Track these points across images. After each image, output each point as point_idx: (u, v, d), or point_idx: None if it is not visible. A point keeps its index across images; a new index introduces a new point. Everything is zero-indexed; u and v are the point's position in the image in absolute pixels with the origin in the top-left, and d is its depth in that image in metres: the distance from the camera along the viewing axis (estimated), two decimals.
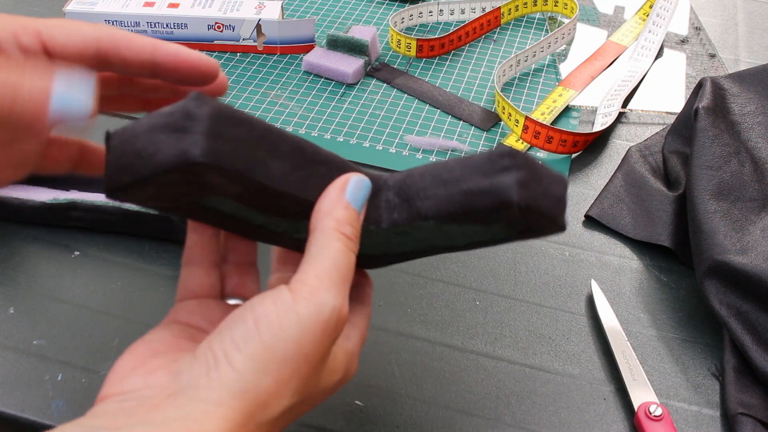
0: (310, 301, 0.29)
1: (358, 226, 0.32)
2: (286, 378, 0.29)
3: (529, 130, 0.62)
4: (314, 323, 0.29)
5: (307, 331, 0.29)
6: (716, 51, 0.78)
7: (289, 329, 0.29)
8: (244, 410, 0.28)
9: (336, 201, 0.31)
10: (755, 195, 0.53)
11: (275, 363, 0.28)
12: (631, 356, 0.47)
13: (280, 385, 0.29)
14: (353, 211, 0.32)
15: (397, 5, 0.82)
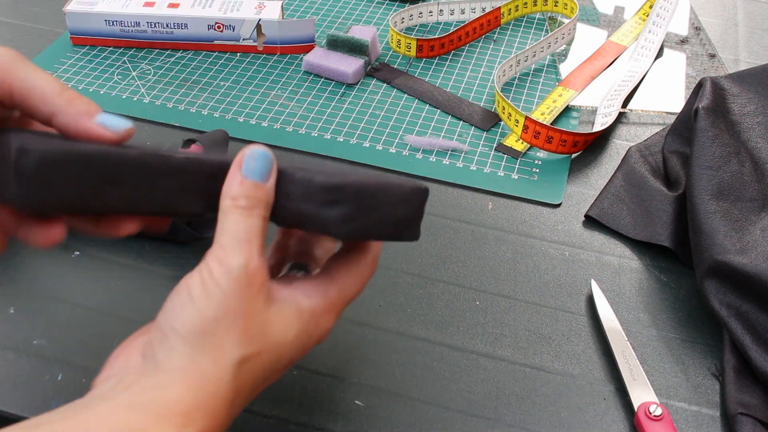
0: (222, 266, 0.34)
1: (257, 193, 0.35)
2: (222, 333, 0.33)
3: (529, 130, 0.62)
4: (228, 282, 0.33)
5: (226, 290, 0.33)
6: (716, 51, 0.78)
7: (213, 293, 0.33)
8: (201, 369, 0.32)
9: (231, 179, 0.36)
10: (755, 195, 0.53)
11: (210, 324, 0.33)
12: (631, 356, 0.47)
13: (221, 342, 0.33)
14: (249, 183, 0.35)
15: (397, 5, 0.82)
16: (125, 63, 0.72)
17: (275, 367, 0.36)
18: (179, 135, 0.64)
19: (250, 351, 0.34)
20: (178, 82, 0.69)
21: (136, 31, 0.72)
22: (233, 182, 0.35)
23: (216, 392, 0.32)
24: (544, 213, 0.58)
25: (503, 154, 0.63)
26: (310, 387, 0.45)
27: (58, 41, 0.75)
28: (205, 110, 0.66)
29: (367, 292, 0.51)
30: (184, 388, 0.31)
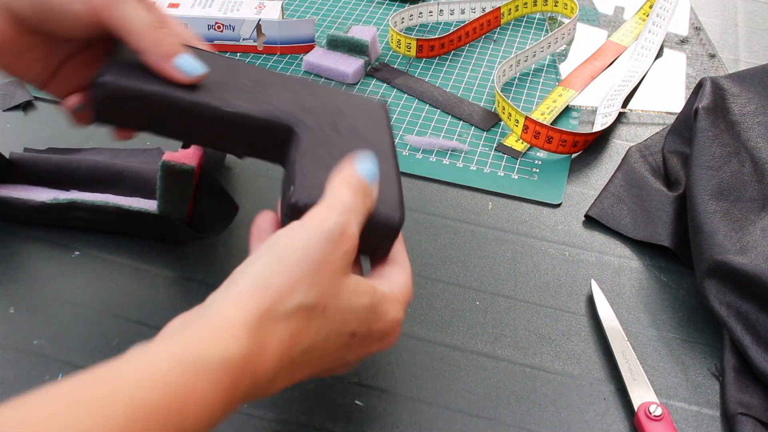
0: (316, 218, 0.34)
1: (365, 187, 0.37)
2: (296, 277, 0.32)
3: (529, 130, 0.62)
4: (318, 232, 0.33)
5: (312, 238, 0.33)
6: (716, 51, 0.78)
7: (296, 240, 0.33)
8: (258, 304, 0.31)
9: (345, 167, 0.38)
10: (755, 195, 0.53)
11: (285, 266, 0.32)
12: (631, 356, 0.47)
13: (292, 282, 0.32)
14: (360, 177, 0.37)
15: (397, 5, 0.82)
16: None
17: (337, 337, 0.34)
18: None
19: (318, 301, 0.33)
20: None
21: None
22: (347, 170, 0.37)
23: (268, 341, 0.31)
24: (544, 213, 0.58)
25: (503, 154, 0.63)
26: (310, 387, 0.45)
27: None
28: None
29: None
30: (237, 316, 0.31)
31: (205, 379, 0.28)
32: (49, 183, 0.55)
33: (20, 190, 0.54)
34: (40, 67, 0.43)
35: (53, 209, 0.53)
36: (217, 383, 0.29)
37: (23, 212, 0.53)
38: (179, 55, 0.39)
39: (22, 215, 0.53)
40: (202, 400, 0.28)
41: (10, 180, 0.55)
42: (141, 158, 0.59)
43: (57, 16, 0.39)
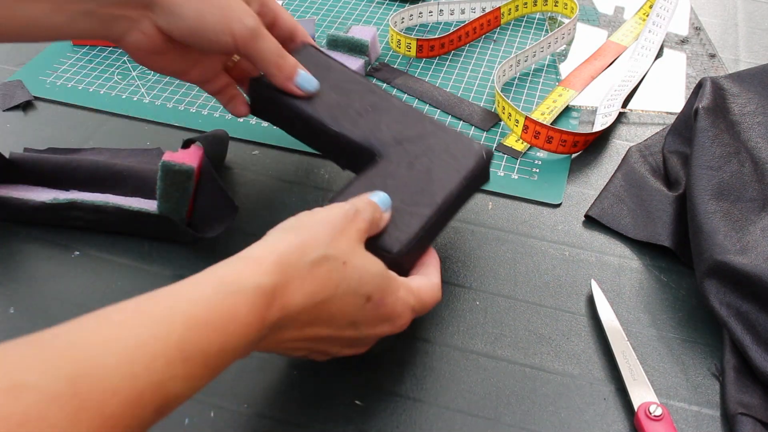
0: (334, 204, 0.42)
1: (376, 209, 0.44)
2: (319, 233, 0.38)
3: (529, 130, 0.62)
4: (336, 210, 0.40)
5: (331, 212, 0.40)
6: (716, 51, 0.78)
7: (318, 213, 0.40)
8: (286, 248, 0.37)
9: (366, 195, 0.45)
10: (755, 195, 0.53)
11: (310, 226, 0.39)
12: (631, 356, 0.47)
13: (316, 237, 0.38)
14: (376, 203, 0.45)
15: (397, 5, 0.82)
16: (125, 63, 0.72)
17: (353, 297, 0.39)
18: (179, 135, 0.64)
19: (339, 255, 0.38)
20: (178, 82, 0.69)
21: None
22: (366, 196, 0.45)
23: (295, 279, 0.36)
24: (544, 213, 0.58)
25: (503, 154, 0.63)
26: (310, 387, 0.45)
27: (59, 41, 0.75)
28: (205, 110, 0.66)
29: None
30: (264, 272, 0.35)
31: (243, 302, 0.33)
32: (49, 183, 0.55)
33: (20, 190, 0.54)
34: (179, 66, 0.53)
35: (53, 209, 0.53)
36: (252, 306, 0.34)
37: (23, 212, 0.53)
38: (298, 74, 0.51)
39: (22, 215, 0.53)
40: (240, 320, 0.33)
41: (10, 180, 0.55)
42: (141, 158, 0.59)
43: (207, 43, 0.49)
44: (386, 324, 0.42)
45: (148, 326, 0.31)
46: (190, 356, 0.31)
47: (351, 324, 0.40)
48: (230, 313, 0.33)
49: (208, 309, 0.32)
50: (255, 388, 0.45)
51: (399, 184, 0.48)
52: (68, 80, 0.69)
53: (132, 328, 0.30)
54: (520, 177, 0.61)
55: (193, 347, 0.31)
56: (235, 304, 0.33)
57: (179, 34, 0.49)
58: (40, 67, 0.71)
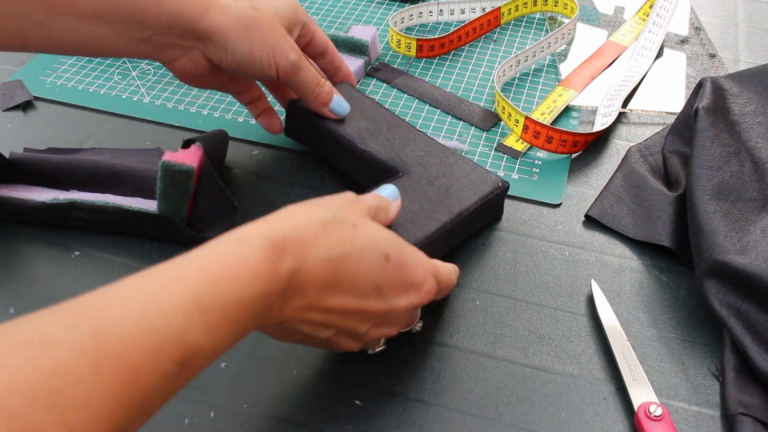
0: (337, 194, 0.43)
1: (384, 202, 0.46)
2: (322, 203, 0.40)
3: (529, 130, 0.62)
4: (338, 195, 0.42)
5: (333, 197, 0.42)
6: (716, 51, 0.78)
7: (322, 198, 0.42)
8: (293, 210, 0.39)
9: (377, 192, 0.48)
10: (755, 195, 0.53)
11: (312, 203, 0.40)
12: (631, 356, 0.47)
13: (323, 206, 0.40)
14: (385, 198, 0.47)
15: (397, 5, 0.82)
16: (125, 63, 0.72)
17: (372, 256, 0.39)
18: (179, 135, 0.64)
19: (347, 218, 0.40)
20: (178, 82, 0.69)
21: None
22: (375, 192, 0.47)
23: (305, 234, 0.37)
24: (544, 213, 0.58)
25: (503, 154, 0.63)
26: (310, 387, 0.45)
27: None
28: (205, 110, 0.66)
29: None
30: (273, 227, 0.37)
31: (253, 253, 0.34)
32: (49, 183, 0.55)
33: (20, 190, 0.54)
34: (216, 84, 0.58)
35: (53, 209, 0.53)
36: (263, 257, 0.35)
37: (23, 212, 0.53)
38: (333, 100, 0.56)
39: (22, 215, 0.53)
40: (252, 269, 0.34)
41: (10, 180, 0.55)
42: (141, 158, 0.59)
43: (252, 74, 0.53)
44: (412, 292, 0.41)
45: (164, 285, 0.32)
46: (207, 308, 0.32)
47: (375, 288, 0.40)
48: (241, 264, 0.34)
49: (220, 262, 0.34)
50: (255, 388, 0.45)
51: (419, 195, 0.52)
52: (68, 80, 0.69)
53: (149, 288, 0.32)
54: (520, 177, 0.61)
55: (209, 299, 0.32)
56: (245, 255, 0.34)
57: (227, 66, 0.53)
58: (40, 67, 0.71)
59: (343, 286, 0.38)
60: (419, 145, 0.57)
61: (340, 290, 0.38)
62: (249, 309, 0.34)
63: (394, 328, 0.43)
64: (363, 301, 0.39)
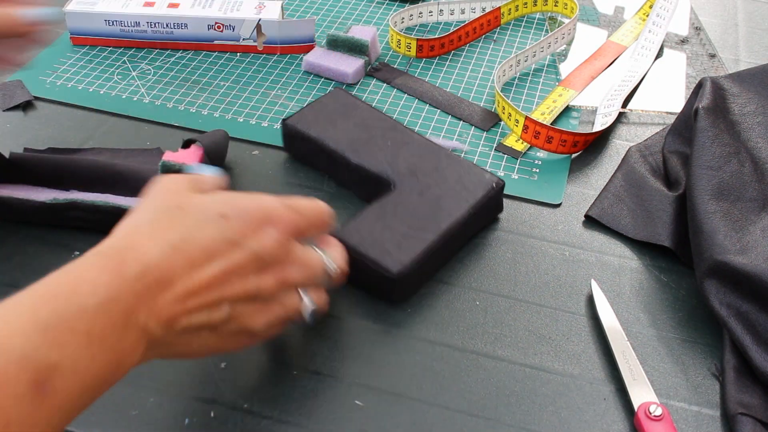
0: None
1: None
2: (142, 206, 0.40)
3: (529, 130, 0.62)
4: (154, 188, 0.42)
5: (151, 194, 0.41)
6: (716, 51, 0.78)
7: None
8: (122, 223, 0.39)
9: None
10: (755, 195, 0.53)
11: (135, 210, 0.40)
12: (631, 356, 0.47)
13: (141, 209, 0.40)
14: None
15: (397, 5, 0.82)
16: (125, 63, 0.72)
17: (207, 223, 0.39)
18: (179, 135, 0.64)
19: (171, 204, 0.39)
20: (178, 82, 0.69)
21: (136, 31, 0.72)
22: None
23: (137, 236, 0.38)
24: (544, 213, 0.58)
25: (503, 154, 0.63)
26: (310, 387, 0.45)
27: (58, 41, 0.75)
28: (205, 110, 0.66)
29: (367, 293, 0.51)
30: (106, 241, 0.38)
31: (89, 266, 0.35)
32: (49, 183, 0.55)
33: (20, 190, 0.54)
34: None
35: (53, 209, 0.53)
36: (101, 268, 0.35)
37: (23, 212, 0.53)
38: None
39: (22, 215, 0.53)
40: (91, 281, 0.34)
41: (10, 180, 0.55)
42: (141, 158, 0.59)
43: None
44: (266, 226, 0.40)
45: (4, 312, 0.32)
46: (49, 325, 0.32)
47: (229, 244, 0.38)
48: (78, 278, 0.34)
49: (55, 281, 0.34)
50: (255, 388, 0.45)
51: (408, 211, 0.52)
52: (68, 80, 0.69)
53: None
54: (520, 177, 0.61)
55: (49, 315, 0.32)
56: (81, 270, 0.35)
57: None
58: (40, 67, 0.71)
59: (201, 259, 0.37)
60: (413, 149, 0.57)
61: (200, 265, 0.37)
62: (99, 317, 0.33)
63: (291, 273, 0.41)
64: (227, 261, 0.38)
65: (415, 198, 0.53)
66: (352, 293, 0.51)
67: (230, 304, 0.38)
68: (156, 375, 0.45)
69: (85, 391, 0.33)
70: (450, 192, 0.54)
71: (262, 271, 0.39)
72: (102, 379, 0.34)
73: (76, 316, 0.32)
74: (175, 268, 0.36)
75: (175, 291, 0.36)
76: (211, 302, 0.37)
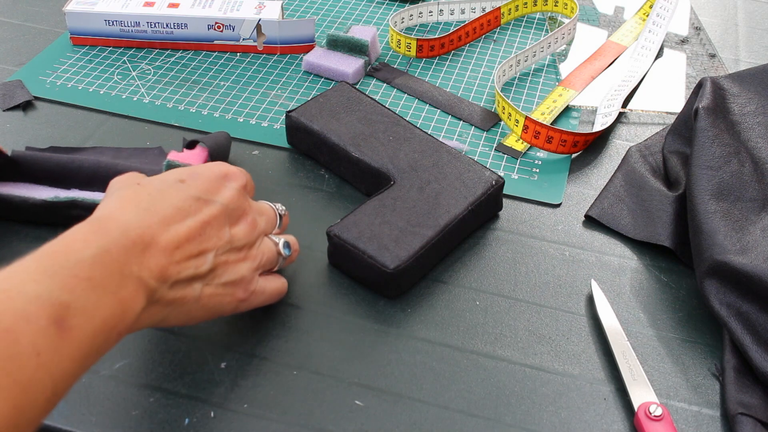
0: None
1: None
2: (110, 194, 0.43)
3: (529, 130, 0.62)
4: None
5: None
6: (716, 51, 0.78)
7: None
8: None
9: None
10: (755, 195, 0.53)
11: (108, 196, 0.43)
12: (631, 356, 0.47)
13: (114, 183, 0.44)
14: None
15: (397, 5, 0.82)
16: (125, 63, 0.72)
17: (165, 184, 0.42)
18: (179, 135, 0.64)
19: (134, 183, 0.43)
20: (178, 82, 0.69)
21: (136, 31, 0.72)
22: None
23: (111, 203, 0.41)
24: (544, 213, 0.58)
25: (503, 154, 0.63)
26: (310, 387, 0.45)
27: (58, 41, 0.75)
28: (205, 110, 0.66)
29: (367, 293, 0.51)
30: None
31: (74, 232, 0.38)
32: (50, 182, 0.55)
33: (21, 188, 0.54)
34: None
35: (54, 207, 0.53)
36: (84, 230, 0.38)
37: (24, 210, 0.53)
38: None
39: (23, 213, 0.53)
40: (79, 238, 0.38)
41: (12, 178, 0.55)
42: (143, 158, 0.59)
43: None
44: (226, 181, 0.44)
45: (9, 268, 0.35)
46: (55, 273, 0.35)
47: (196, 200, 0.42)
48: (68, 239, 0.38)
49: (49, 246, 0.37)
50: (255, 388, 0.45)
51: (407, 207, 0.52)
52: (68, 80, 0.69)
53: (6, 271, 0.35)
54: (520, 177, 0.61)
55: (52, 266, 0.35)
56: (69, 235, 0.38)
57: None
58: (40, 67, 0.71)
59: (175, 217, 0.40)
60: (414, 145, 0.57)
61: (175, 221, 0.40)
62: (96, 266, 0.36)
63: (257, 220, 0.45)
64: (201, 215, 0.42)
65: (415, 194, 0.53)
66: (353, 293, 0.51)
67: (213, 254, 0.42)
68: (156, 374, 0.45)
69: (98, 333, 0.35)
70: (450, 188, 0.54)
71: (232, 221, 0.43)
72: (111, 324, 0.36)
73: (76, 266, 0.35)
74: (152, 226, 0.39)
75: (159, 246, 0.39)
76: (194, 253, 0.41)
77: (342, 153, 0.58)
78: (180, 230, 0.40)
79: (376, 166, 0.56)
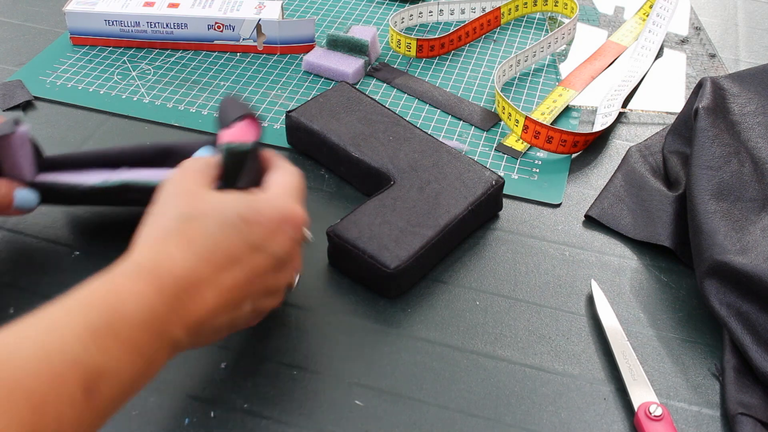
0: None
1: None
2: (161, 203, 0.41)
3: (529, 130, 0.62)
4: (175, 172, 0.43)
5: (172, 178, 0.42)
6: (716, 51, 0.78)
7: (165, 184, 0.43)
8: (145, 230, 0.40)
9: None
10: (755, 195, 0.53)
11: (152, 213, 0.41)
12: (631, 356, 0.47)
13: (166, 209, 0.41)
14: None
15: (397, 5, 0.82)
16: (125, 63, 0.72)
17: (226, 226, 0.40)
18: (179, 135, 0.64)
19: (187, 209, 0.40)
20: (178, 82, 0.69)
21: (136, 31, 0.72)
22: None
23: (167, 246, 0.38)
24: (544, 213, 0.58)
25: (503, 154, 0.63)
26: (310, 387, 0.45)
27: (58, 41, 0.75)
28: (205, 110, 0.66)
29: (367, 293, 0.51)
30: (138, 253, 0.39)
31: (128, 277, 0.36)
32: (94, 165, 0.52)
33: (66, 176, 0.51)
34: None
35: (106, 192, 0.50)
36: (137, 279, 0.36)
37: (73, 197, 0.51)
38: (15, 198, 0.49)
39: (72, 200, 0.51)
40: (130, 290, 0.36)
41: None
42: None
43: None
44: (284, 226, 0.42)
45: (57, 315, 0.34)
46: (99, 331, 0.33)
47: (252, 248, 0.40)
48: (121, 288, 0.36)
49: (100, 290, 0.36)
50: (255, 388, 0.45)
51: (407, 207, 0.52)
52: (68, 80, 0.69)
53: (44, 320, 0.33)
54: (520, 177, 0.61)
55: (98, 321, 0.34)
56: (123, 280, 0.36)
57: None
58: (40, 67, 0.71)
59: (226, 265, 0.39)
60: (414, 145, 0.57)
61: (225, 269, 0.39)
62: (140, 327, 0.35)
63: (296, 259, 0.44)
64: (250, 265, 0.40)
65: (415, 193, 0.53)
66: (353, 293, 0.51)
67: (251, 302, 0.41)
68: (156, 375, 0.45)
69: (123, 395, 0.34)
70: (450, 188, 0.54)
71: (277, 269, 0.42)
72: (135, 385, 0.35)
73: (123, 327, 0.34)
74: (203, 276, 0.38)
75: (204, 297, 0.38)
76: (235, 303, 0.40)
77: (342, 153, 0.58)
78: (228, 280, 0.39)
79: (376, 166, 0.56)
